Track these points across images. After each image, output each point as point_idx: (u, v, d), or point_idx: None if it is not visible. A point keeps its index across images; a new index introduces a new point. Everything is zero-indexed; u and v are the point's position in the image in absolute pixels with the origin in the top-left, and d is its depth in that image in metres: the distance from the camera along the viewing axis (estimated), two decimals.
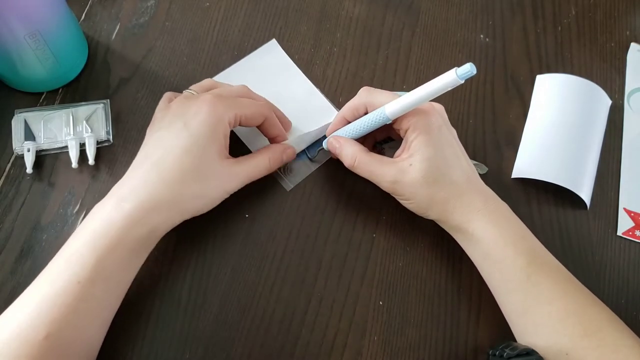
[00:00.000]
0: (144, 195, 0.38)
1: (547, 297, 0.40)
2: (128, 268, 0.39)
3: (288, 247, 0.46)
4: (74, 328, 0.36)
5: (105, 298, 0.38)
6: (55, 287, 0.36)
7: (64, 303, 0.35)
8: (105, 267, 0.37)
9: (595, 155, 0.51)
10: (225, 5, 0.56)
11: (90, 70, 0.51)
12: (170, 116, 0.42)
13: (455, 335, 0.44)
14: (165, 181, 0.39)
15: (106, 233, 0.37)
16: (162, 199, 0.39)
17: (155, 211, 0.39)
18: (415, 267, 0.46)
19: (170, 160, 0.39)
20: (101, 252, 0.36)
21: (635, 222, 0.50)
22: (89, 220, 0.38)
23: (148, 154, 0.41)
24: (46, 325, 0.34)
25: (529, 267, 0.40)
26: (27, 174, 0.46)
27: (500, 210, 0.43)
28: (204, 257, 0.45)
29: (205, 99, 0.41)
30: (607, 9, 0.61)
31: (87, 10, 0.54)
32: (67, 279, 0.36)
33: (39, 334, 0.34)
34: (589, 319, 0.40)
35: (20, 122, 0.47)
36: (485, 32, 0.58)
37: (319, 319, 0.44)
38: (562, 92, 0.53)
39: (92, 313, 0.37)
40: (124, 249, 0.38)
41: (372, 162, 0.43)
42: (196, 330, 0.42)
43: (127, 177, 0.40)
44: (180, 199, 0.40)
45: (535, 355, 0.38)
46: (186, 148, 0.39)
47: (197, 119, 0.40)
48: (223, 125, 0.41)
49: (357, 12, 0.57)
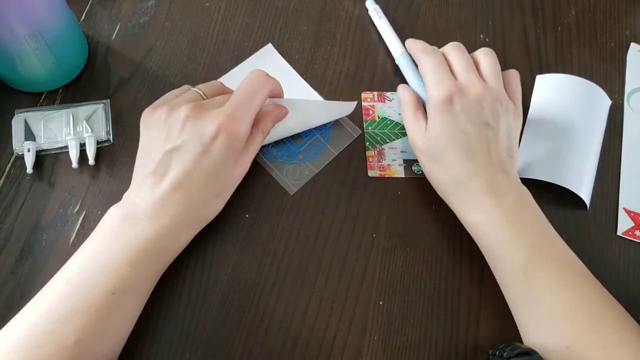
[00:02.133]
0: (174, 214, 0.40)
1: (548, 293, 0.40)
2: (155, 279, 0.41)
3: (288, 247, 0.46)
4: (102, 335, 0.37)
5: (134, 308, 0.40)
6: (88, 294, 0.36)
7: (96, 312, 0.36)
8: (139, 280, 0.39)
9: (595, 155, 0.51)
10: (225, 5, 0.56)
11: (91, 70, 0.51)
12: (184, 132, 0.40)
13: (455, 335, 0.44)
14: (192, 202, 0.41)
15: (140, 249, 0.38)
16: (191, 217, 0.41)
17: (187, 228, 0.42)
18: (415, 267, 0.46)
19: (195, 184, 0.40)
20: (136, 265, 0.38)
21: (635, 222, 0.50)
22: (120, 229, 0.39)
23: (165, 171, 0.40)
24: (77, 332, 0.35)
25: (527, 263, 0.40)
26: (27, 174, 0.46)
27: (503, 205, 0.42)
28: (204, 257, 0.45)
29: (222, 122, 0.40)
30: (607, 9, 0.61)
31: (87, 10, 0.54)
32: (102, 290, 0.37)
33: (70, 340, 0.35)
34: (595, 315, 0.39)
35: (20, 122, 0.47)
36: (485, 33, 0.58)
37: (319, 319, 0.44)
38: (562, 92, 0.53)
39: (120, 322, 0.38)
40: (156, 262, 0.40)
41: (409, 117, 0.48)
42: (196, 330, 0.42)
43: (143, 190, 0.40)
44: (206, 213, 0.43)
45: (535, 355, 0.38)
46: (209, 173, 0.41)
47: (217, 144, 0.40)
48: (241, 142, 0.42)
49: (357, 12, 0.57)
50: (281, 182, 0.48)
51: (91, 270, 0.37)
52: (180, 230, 0.41)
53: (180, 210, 0.40)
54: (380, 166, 0.49)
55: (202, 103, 0.42)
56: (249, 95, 0.42)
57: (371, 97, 0.52)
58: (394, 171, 0.49)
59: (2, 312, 0.42)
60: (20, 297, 0.42)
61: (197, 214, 0.42)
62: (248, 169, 0.45)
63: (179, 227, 0.40)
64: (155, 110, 0.42)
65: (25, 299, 0.37)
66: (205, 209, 0.42)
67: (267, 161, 0.49)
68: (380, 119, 0.51)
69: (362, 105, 0.52)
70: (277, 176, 0.48)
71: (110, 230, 0.39)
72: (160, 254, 0.40)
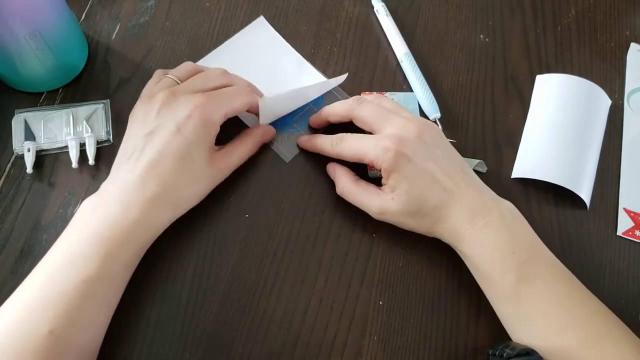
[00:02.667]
0: (144, 198, 0.39)
1: (541, 310, 0.40)
2: (130, 267, 0.40)
3: (288, 247, 0.46)
4: (77, 325, 0.36)
5: (108, 296, 0.39)
6: (60, 285, 0.36)
7: (69, 301, 0.36)
8: (110, 267, 0.38)
9: (595, 155, 0.51)
10: (225, 5, 0.56)
11: (91, 70, 0.51)
12: (160, 116, 0.42)
13: (455, 335, 0.44)
14: (164, 185, 0.40)
15: (112, 235, 0.38)
16: (163, 201, 0.40)
17: (158, 212, 0.41)
18: (415, 267, 0.46)
19: (167, 165, 0.40)
20: (107, 253, 0.38)
21: (635, 222, 0.50)
22: (89, 220, 0.39)
23: (140, 155, 0.41)
24: (51, 322, 0.35)
25: (518, 284, 0.40)
26: (27, 174, 0.46)
27: (490, 225, 0.41)
28: (204, 257, 0.45)
29: (196, 102, 0.41)
30: (607, 9, 0.61)
31: (87, 10, 0.54)
32: (73, 278, 0.36)
33: (43, 330, 0.35)
34: (589, 330, 0.39)
35: (20, 122, 0.47)
36: (485, 32, 0.58)
37: (319, 319, 0.44)
38: (562, 92, 0.53)
39: (95, 311, 0.38)
40: (128, 249, 0.39)
41: (359, 192, 0.45)
42: (196, 330, 0.42)
43: (119, 176, 0.41)
44: (179, 199, 0.42)
45: (535, 355, 0.38)
46: (182, 154, 0.41)
47: (190, 124, 0.41)
48: (214, 127, 0.43)
49: (357, 12, 0.57)
50: (277, 151, 0.49)
51: (62, 260, 0.37)
52: (152, 215, 0.40)
53: (152, 195, 0.39)
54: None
55: (177, 88, 0.43)
56: (231, 92, 0.45)
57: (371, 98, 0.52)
58: None
59: None
60: None
61: (170, 199, 0.41)
62: (230, 171, 0.45)
63: (151, 213, 0.40)
64: (135, 107, 0.44)
65: None
66: (179, 195, 0.42)
67: None
68: None
69: None
70: (272, 145, 0.49)
71: (81, 219, 0.39)
72: (132, 242, 0.39)
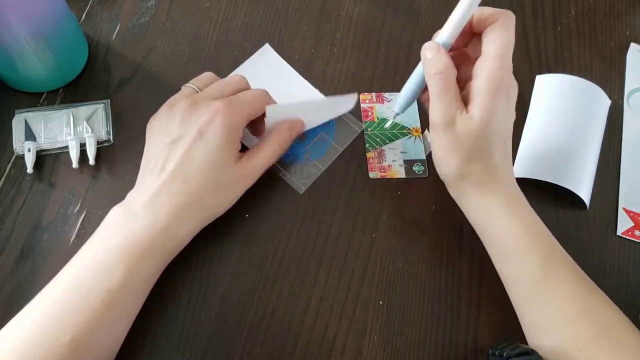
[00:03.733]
0: (170, 207, 0.39)
1: (562, 293, 0.40)
2: (154, 277, 0.40)
3: (288, 247, 0.46)
4: (98, 334, 0.36)
5: (130, 306, 0.39)
6: (83, 293, 0.36)
7: (92, 309, 0.36)
8: (135, 277, 0.38)
9: (594, 155, 0.51)
10: (225, 5, 0.56)
11: (91, 70, 0.51)
12: (181, 124, 0.41)
13: (455, 335, 0.44)
14: (189, 193, 0.40)
15: (137, 245, 0.38)
16: (189, 210, 0.40)
17: (184, 223, 0.40)
18: (415, 267, 0.46)
19: (191, 172, 0.40)
20: (132, 263, 0.37)
21: (635, 222, 0.50)
22: (115, 229, 0.39)
23: (164, 163, 0.40)
24: (72, 330, 0.35)
25: (545, 260, 0.40)
26: (28, 174, 0.46)
27: (519, 201, 0.43)
28: (204, 257, 0.45)
29: (218, 107, 0.41)
30: (606, 9, 0.61)
31: (87, 10, 0.55)
32: (97, 287, 0.36)
33: (64, 338, 0.35)
34: (602, 319, 0.39)
35: (20, 122, 0.47)
36: None
37: (319, 319, 0.44)
38: (561, 92, 0.53)
39: (116, 320, 0.38)
40: (153, 260, 0.39)
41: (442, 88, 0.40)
42: (196, 330, 0.42)
43: (144, 185, 0.40)
44: (205, 208, 0.41)
45: (535, 355, 0.38)
46: (206, 160, 0.40)
47: (213, 129, 0.40)
48: (237, 131, 0.42)
49: (357, 12, 0.57)
50: (290, 182, 0.48)
51: (87, 268, 0.37)
52: (178, 225, 0.40)
53: (177, 203, 0.39)
54: (381, 167, 0.49)
55: (197, 96, 0.43)
56: (249, 95, 0.44)
57: (369, 98, 0.52)
58: (395, 172, 0.49)
59: (3, 312, 0.42)
60: (21, 297, 0.42)
61: (196, 207, 0.40)
62: (257, 176, 0.44)
63: (176, 222, 0.39)
64: (156, 115, 0.44)
65: (25, 299, 0.37)
66: (205, 203, 0.41)
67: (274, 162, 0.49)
68: (380, 120, 0.51)
69: (361, 107, 0.52)
70: (285, 177, 0.48)
71: (107, 228, 0.39)
72: (158, 252, 0.39)
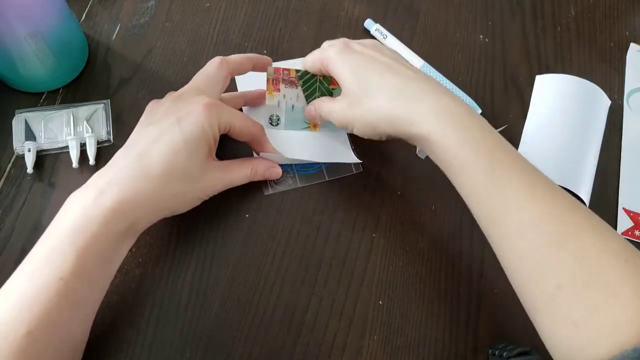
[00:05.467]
0: (125, 188, 0.38)
1: (516, 203, 0.36)
2: (109, 261, 0.39)
3: (288, 247, 0.46)
4: (56, 324, 0.35)
5: (86, 293, 0.37)
6: (36, 283, 0.35)
7: (46, 300, 0.34)
8: (86, 262, 0.36)
9: (594, 155, 0.51)
10: (225, 5, 0.56)
11: (91, 70, 0.52)
12: (163, 112, 0.42)
13: (455, 335, 0.44)
14: (148, 176, 0.38)
15: (86, 227, 0.36)
16: (143, 194, 0.38)
17: (136, 206, 0.38)
18: (415, 267, 0.46)
19: (156, 154, 0.39)
20: (82, 247, 0.36)
21: (635, 222, 0.50)
22: (67, 212, 0.37)
23: (132, 145, 0.40)
24: (27, 322, 0.34)
25: (493, 170, 0.37)
26: (28, 174, 0.46)
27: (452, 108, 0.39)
28: (204, 257, 0.45)
29: (201, 101, 0.41)
30: (606, 9, 0.61)
31: (87, 10, 0.55)
32: (49, 276, 0.35)
33: (20, 331, 0.33)
34: (566, 223, 0.35)
35: (20, 122, 0.47)
36: (485, 33, 0.58)
37: (319, 319, 0.44)
38: (561, 92, 0.53)
39: (73, 308, 0.36)
40: (104, 243, 0.37)
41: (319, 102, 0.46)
42: (196, 330, 0.42)
43: (108, 168, 0.40)
44: (161, 195, 0.39)
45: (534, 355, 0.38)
46: (174, 145, 0.39)
47: (191, 119, 0.40)
48: (214, 129, 0.41)
49: (357, 12, 0.57)
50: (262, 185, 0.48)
51: (39, 256, 0.36)
52: (130, 207, 0.37)
53: (133, 185, 0.38)
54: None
55: (184, 89, 0.44)
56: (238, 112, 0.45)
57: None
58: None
59: None
60: None
61: (152, 195, 0.39)
62: (221, 189, 0.44)
63: (128, 204, 0.37)
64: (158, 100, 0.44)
65: None
66: (163, 194, 0.39)
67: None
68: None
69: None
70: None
71: (61, 212, 0.38)
72: (108, 233, 0.37)
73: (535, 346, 0.42)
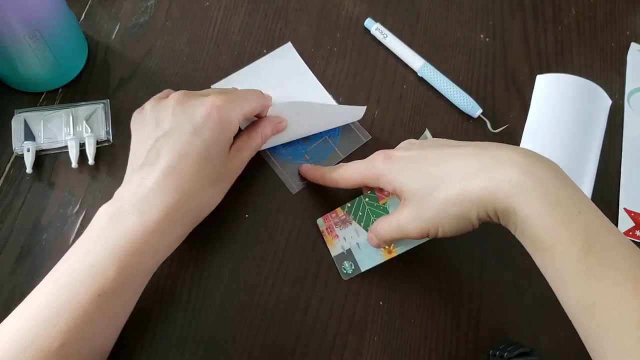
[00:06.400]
0: (163, 206, 0.38)
1: (616, 294, 0.32)
2: (146, 279, 0.39)
3: (288, 247, 0.46)
4: (88, 339, 0.36)
5: (122, 310, 0.38)
6: (74, 297, 0.35)
7: (83, 314, 0.35)
8: (126, 279, 0.37)
9: (595, 155, 0.51)
10: (225, 5, 0.56)
11: (90, 70, 0.51)
12: (174, 118, 0.40)
13: (455, 335, 0.44)
14: (183, 190, 0.38)
15: (130, 246, 0.36)
16: (182, 209, 0.39)
17: (177, 222, 0.39)
18: (415, 267, 0.46)
19: (186, 170, 0.39)
20: (123, 265, 0.36)
21: (635, 222, 0.50)
22: (106, 227, 0.37)
23: (156, 159, 0.39)
24: (63, 336, 0.34)
25: (588, 255, 0.32)
26: (27, 174, 0.46)
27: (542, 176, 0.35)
28: (204, 257, 0.45)
29: (214, 102, 0.40)
30: (607, 9, 0.61)
31: (87, 10, 0.54)
32: (88, 290, 0.35)
33: (54, 344, 0.34)
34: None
35: (20, 122, 0.47)
36: (486, 32, 0.58)
37: (319, 319, 0.44)
38: (562, 92, 0.53)
39: (108, 324, 0.37)
40: (146, 260, 0.38)
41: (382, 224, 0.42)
42: (196, 330, 0.42)
43: (134, 182, 0.39)
44: (199, 204, 0.40)
45: (535, 355, 0.38)
46: (201, 156, 0.39)
47: (209, 125, 0.40)
48: (234, 128, 0.42)
49: (357, 11, 0.57)
50: (284, 180, 0.48)
51: (77, 271, 0.36)
52: (172, 224, 0.38)
53: (172, 202, 0.38)
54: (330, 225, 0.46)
55: (190, 92, 0.43)
56: (244, 93, 0.44)
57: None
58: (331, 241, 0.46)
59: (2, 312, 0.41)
60: (20, 297, 0.42)
61: (190, 206, 0.39)
62: (244, 167, 0.44)
63: (170, 221, 0.38)
64: (142, 108, 0.43)
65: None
66: (199, 200, 0.40)
67: (271, 157, 0.49)
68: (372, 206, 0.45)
69: None
70: (280, 173, 0.48)
71: (98, 227, 0.37)
72: (150, 252, 0.38)
73: (536, 347, 0.42)
